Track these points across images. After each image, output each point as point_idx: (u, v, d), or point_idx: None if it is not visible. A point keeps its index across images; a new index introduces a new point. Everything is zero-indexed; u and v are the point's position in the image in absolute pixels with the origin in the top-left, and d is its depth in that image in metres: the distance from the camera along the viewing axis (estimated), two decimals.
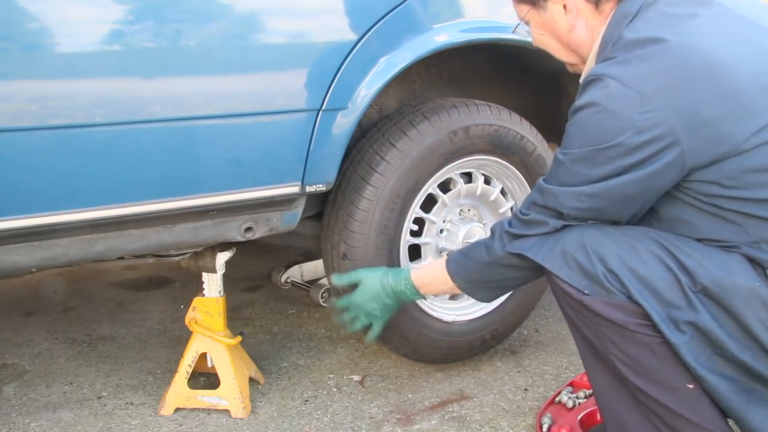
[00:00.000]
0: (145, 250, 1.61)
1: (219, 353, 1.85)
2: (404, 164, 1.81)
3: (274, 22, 1.60)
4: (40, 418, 1.84)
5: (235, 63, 1.55)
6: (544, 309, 2.48)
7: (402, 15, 1.71)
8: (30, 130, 1.37)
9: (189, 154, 1.54)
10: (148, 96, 1.46)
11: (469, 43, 1.83)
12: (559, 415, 1.72)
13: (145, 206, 1.52)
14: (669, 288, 1.27)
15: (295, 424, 1.80)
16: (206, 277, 1.85)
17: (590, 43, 1.43)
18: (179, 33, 1.48)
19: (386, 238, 1.83)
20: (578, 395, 1.79)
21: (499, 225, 1.49)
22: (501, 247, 1.46)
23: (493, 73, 2.22)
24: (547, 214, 1.39)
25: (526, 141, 1.99)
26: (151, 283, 2.84)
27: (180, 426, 1.79)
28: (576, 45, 1.45)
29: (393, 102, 2.05)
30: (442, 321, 1.99)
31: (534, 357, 2.15)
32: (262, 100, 1.59)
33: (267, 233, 1.72)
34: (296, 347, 2.23)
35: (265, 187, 1.64)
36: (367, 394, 1.95)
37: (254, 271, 2.88)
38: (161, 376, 2.05)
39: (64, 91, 1.40)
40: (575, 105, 1.32)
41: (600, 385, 1.43)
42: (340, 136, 1.69)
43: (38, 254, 1.48)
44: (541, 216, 1.39)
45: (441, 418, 1.83)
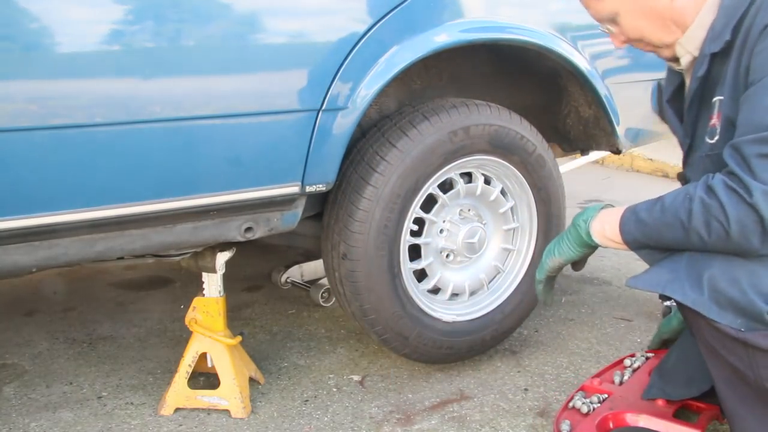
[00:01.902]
0: (145, 250, 1.61)
1: (219, 353, 1.85)
2: (404, 164, 1.81)
3: (274, 22, 1.59)
4: (40, 418, 1.84)
5: (235, 63, 1.55)
6: (544, 309, 2.48)
7: (402, 15, 1.71)
8: (30, 130, 1.37)
9: (189, 154, 1.54)
10: (148, 96, 1.46)
11: (469, 43, 1.83)
12: (576, 420, 1.70)
13: (145, 206, 1.52)
14: None
15: (295, 424, 1.80)
16: (206, 277, 1.85)
17: (698, 6, 1.39)
18: (179, 33, 1.48)
19: (386, 238, 1.83)
20: (591, 400, 1.77)
21: (705, 210, 1.29)
22: (722, 239, 1.27)
23: (493, 73, 2.22)
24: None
25: (526, 141, 1.99)
26: (151, 283, 2.84)
27: (180, 426, 1.79)
28: (680, 15, 1.41)
29: (393, 102, 2.05)
30: (442, 321, 1.99)
31: (534, 357, 2.15)
32: (262, 100, 1.59)
33: (267, 233, 1.72)
34: (296, 347, 2.23)
35: (265, 187, 1.64)
36: (367, 394, 1.95)
37: (254, 271, 2.88)
38: (161, 376, 2.05)
39: (64, 91, 1.39)
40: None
41: (741, 412, 1.41)
42: (340, 136, 1.69)
43: (38, 254, 1.48)
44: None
45: (441, 418, 1.83)
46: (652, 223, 1.38)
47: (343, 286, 1.88)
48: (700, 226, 1.29)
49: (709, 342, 1.37)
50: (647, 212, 1.40)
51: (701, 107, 1.46)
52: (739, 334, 1.29)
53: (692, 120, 1.50)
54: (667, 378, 1.74)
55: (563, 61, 2.01)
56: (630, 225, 1.43)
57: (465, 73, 2.18)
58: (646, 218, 1.40)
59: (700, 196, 1.30)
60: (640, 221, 1.41)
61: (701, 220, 1.29)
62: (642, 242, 1.42)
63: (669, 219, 1.35)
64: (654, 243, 1.40)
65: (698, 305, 1.31)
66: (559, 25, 2.01)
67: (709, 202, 1.28)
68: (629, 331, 2.33)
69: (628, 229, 1.43)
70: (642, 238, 1.41)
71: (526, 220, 2.11)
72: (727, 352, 1.35)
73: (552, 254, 1.61)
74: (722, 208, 1.26)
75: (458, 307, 2.05)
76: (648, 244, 1.41)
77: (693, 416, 1.71)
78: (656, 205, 1.38)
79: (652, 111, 2.33)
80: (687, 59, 1.47)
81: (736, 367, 1.36)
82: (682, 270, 1.33)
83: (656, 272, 1.37)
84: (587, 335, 2.30)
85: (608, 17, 1.47)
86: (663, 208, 1.36)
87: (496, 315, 2.08)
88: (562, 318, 2.44)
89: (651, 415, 1.66)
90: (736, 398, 1.41)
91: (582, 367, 2.08)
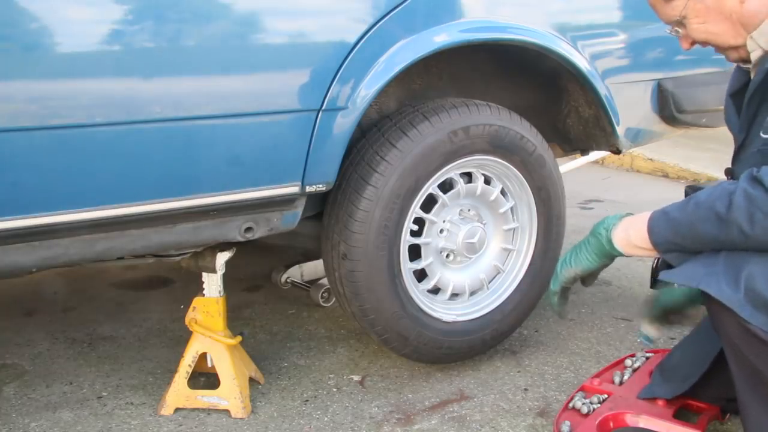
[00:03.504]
0: (145, 250, 1.61)
1: (219, 353, 1.85)
2: (404, 164, 1.81)
3: (274, 22, 1.59)
4: (40, 418, 1.84)
5: (235, 63, 1.55)
6: (544, 309, 2.47)
7: (402, 15, 1.70)
8: (30, 130, 1.37)
9: (189, 154, 1.54)
10: (148, 96, 1.46)
11: (469, 43, 1.83)
12: (576, 421, 1.70)
13: (145, 206, 1.52)
14: None
15: (295, 424, 1.80)
16: (206, 277, 1.85)
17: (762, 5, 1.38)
18: (179, 33, 1.48)
19: (386, 238, 1.83)
20: (592, 400, 1.77)
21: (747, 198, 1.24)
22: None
23: (493, 73, 2.22)
24: None
25: (526, 141, 1.99)
26: (151, 283, 2.84)
27: (180, 426, 1.79)
28: (749, 17, 1.40)
29: (393, 102, 2.05)
30: (442, 321, 1.99)
31: (534, 357, 2.15)
32: (262, 100, 1.59)
33: (267, 233, 1.72)
34: (296, 347, 2.23)
35: (265, 187, 1.64)
36: (367, 394, 1.95)
37: (254, 271, 2.88)
38: (161, 376, 2.05)
39: (64, 91, 1.39)
40: None
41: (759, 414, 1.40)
42: (340, 136, 1.69)
43: (38, 254, 1.48)
44: None
45: (441, 418, 1.83)
46: (686, 219, 1.32)
47: (343, 286, 1.88)
48: (742, 218, 1.24)
49: (734, 340, 1.35)
50: (680, 210, 1.34)
51: (762, 102, 1.44)
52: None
53: (751, 114, 1.47)
54: (668, 377, 1.74)
55: (563, 61, 2.01)
56: (660, 226, 1.37)
57: (465, 73, 2.17)
58: (678, 216, 1.34)
59: (743, 188, 1.25)
60: (672, 220, 1.35)
61: (744, 211, 1.24)
62: (673, 242, 1.36)
63: (704, 213, 1.29)
64: (687, 242, 1.34)
65: (733, 303, 1.27)
66: (559, 25, 2.01)
67: (753, 192, 1.23)
68: (629, 331, 2.33)
69: (658, 230, 1.37)
70: (674, 237, 1.35)
71: (526, 220, 2.11)
72: (752, 353, 1.33)
73: (568, 265, 1.56)
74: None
75: (458, 307, 2.05)
76: (680, 245, 1.35)
77: (693, 416, 1.72)
78: (689, 202, 1.33)
79: (652, 111, 2.33)
80: (757, 54, 1.44)
81: (759, 369, 1.34)
82: (719, 265, 1.30)
83: (692, 266, 1.33)
84: (587, 335, 2.30)
85: (676, 20, 1.46)
86: (698, 204, 1.31)
87: (496, 315, 2.08)
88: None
89: (651, 416, 1.67)
90: (753, 399, 1.40)
91: (582, 367, 2.08)
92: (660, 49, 2.31)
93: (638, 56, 2.26)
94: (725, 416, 1.74)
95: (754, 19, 1.40)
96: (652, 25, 2.25)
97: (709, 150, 4.80)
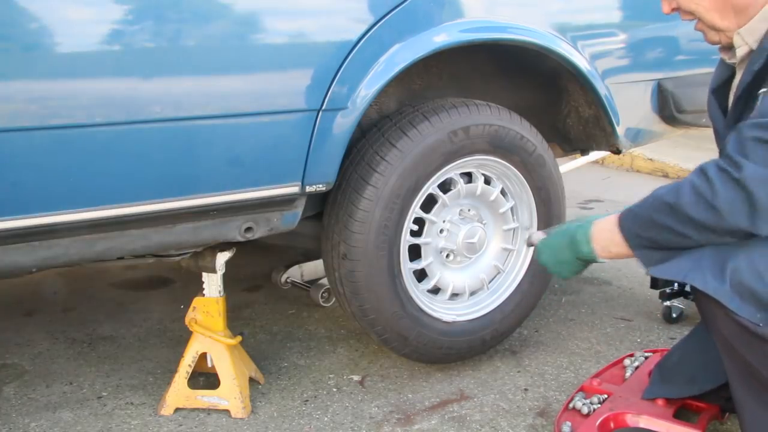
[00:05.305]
0: (145, 250, 1.61)
1: (219, 353, 1.85)
2: (404, 164, 1.81)
3: (274, 22, 1.59)
4: (40, 418, 1.84)
5: (235, 63, 1.55)
6: (544, 309, 2.48)
7: (402, 15, 1.70)
8: (30, 130, 1.37)
9: (189, 154, 1.54)
10: (148, 96, 1.46)
11: (468, 43, 1.83)
12: (577, 422, 1.70)
13: (145, 206, 1.52)
14: None
15: (295, 424, 1.80)
16: (206, 277, 1.85)
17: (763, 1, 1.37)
18: (179, 33, 1.48)
19: (386, 238, 1.83)
20: (592, 401, 1.77)
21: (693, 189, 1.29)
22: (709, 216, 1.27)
23: (493, 73, 2.22)
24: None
25: (526, 141, 1.99)
26: (151, 283, 2.84)
27: (180, 426, 1.79)
28: (744, 5, 1.38)
29: (393, 102, 2.05)
30: (442, 321, 1.99)
31: (534, 357, 2.15)
32: (262, 100, 1.59)
33: (267, 233, 1.72)
34: (296, 347, 2.23)
35: (265, 187, 1.64)
36: (367, 394, 1.95)
37: (254, 271, 2.88)
38: (161, 376, 2.05)
39: (64, 91, 1.40)
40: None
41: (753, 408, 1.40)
42: (340, 136, 1.69)
43: (38, 254, 1.48)
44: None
45: (441, 418, 1.83)
46: (646, 213, 1.37)
47: (343, 286, 1.88)
48: (689, 207, 1.28)
49: (724, 334, 1.36)
50: (641, 206, 1.39)
51: (747, 102, 1.43)
52: (758, 329, 1.28)
53: (738, 113, 1.46)
54: (668, 376, 1.74)
55: (563, 61, 2.01)
56: (628, 221, 1.41)
57: (465, 73, 2.17)
58: (640, 211, 1.39)
59: (690, 179, 1.30)
60: (636, 215, 1.40)
61: (690, 200, 1.28)
62: (639, 235, 1.39)
63: (659, 204, 1.34)
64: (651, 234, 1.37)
65: (719, 294, 1.29)
66: (559, 25, 2.01)
67: (698, 182, 1.28)
68: (629, 331, 2.33)
69: (627, 225, 1.41)
70: (639, 230, 1.39)
71: (526, 220, 2.11)
72: (743, 346, 1.34)
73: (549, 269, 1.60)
74: (711, 187, 1.26)
75: (458, 307, 2.05)
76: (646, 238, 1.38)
77: (693, 416, 1.72)
78: (650, 197, 1.38)
79: (652, 111, 2.33)
80: (743, 50, 1.43)
81: (749, 362, 1.35)
82: (705, 260, 1.31)
83: (678, 261, 1.35)
84: (587, 335, 2.30)
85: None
86: (654, 197, 1.36)
87: (496, 315, 2.08)
88: (562, 318, 2.43)
89: (651, 416, 1.67)
90: (748, 393, 1.41)
91: (582, 367, 2.08)
92: (660, 49, 2.31)
93: (638, 56, 2.26)
94: (725, 416, 1.74)
95: (749, 8, 1.38)
96: (652, 25, 2.25)
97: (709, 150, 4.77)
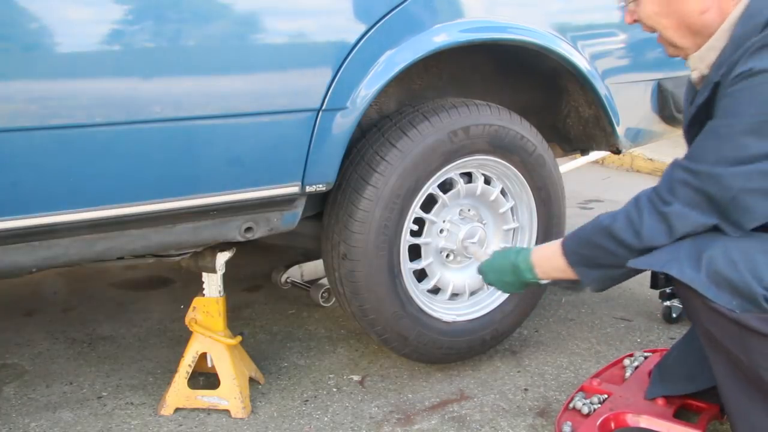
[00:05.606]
0: (145, 250, 1.61)
1: (219, 353, 1.85)
2: (404, 164, 1.81)
3: (274, 22, 1.59)
4: (40, 418, 1.84)
5: (235, 63, 1.55)
6: (544, 309, 2.48)
7: (402, 15, 1.70)
8: (30, 130, 1.37)
9: (189, 154, 1.54)
10: (148, 96, 1.46)
11: (469, 43, 1.83)
12: (577, 422, 1.70)
13: (145, 206, 1.52)
14: None
15: (295, 424, 1.80)
16: (206, 277, 1.85)
17: (717, 24, 1.39)
18: (179, 33, 1.48)
19: (386, 238, 1.83)
20: (592, 401, 1.77)
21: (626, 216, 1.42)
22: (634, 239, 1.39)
23: (493, 73, 2.22)
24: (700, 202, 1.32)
25: (526, 141, 1.99)
26: (151, 283, 2.84)
27: (180, 426, 1.79)
28: (701, 27, 1.41)
29: (393, 102, 2.05)
30: (442, 321, 1.99)
31: (534, 357, 2.15)
32: (262, 100, 1.59)
33: (267, 233, 1.72)
34: (296, 347, 2.23)
35: (265, 187, 1.64)
36: (367, 394, 1.95)
37: (254, 271, 2.88)
38: (161, 376, 2.05)
39: (64, 91, 1.39)
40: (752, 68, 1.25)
41: (737, 396, 1.42)
42: (340, 136, 1.69)
43: (38, 254, 1.48)
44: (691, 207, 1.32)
45: (441, 418, 1.83)
46: (585, 234, 1.51)
47: (343, 286, 1.88)
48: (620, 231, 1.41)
49: (705, 324, 1.39)
50: (583, 228, 1.53)
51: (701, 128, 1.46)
52: (733, 315, 1.30)
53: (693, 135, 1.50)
54: (668, 375, 1.74)
55: (563, 61, 2.01)
56: (570, 240, 1.55)
57: (465, 73, 2.17)
58: (580, 232, 1.53)
59: (626, 207, 1.44)
60: (577, 236, 1.54)
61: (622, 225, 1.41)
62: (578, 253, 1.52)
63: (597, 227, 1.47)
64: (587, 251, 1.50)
65: (695, 283, 1.32)
66: (559, 25, 2.01)
67: (631, 210, 1.42)
68: (629, 331, 2.33)
69: (569, 243, 1.55)
70: (578, 248, 1.52)
71: (526, 220, 2.11)
72: (722, 335, 1.36)
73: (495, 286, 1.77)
74: (640, 216, 1.39)
75: (458, 307, 2.05)
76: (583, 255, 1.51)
77: (693, 416, 1.72)
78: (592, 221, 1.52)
79: (652, 111, 2.33)
80: (696, 75, 1.48)
81: (731, 351, 1.37)
82: (682, 251, 1.35)
83: (656, 253, 1.39)
84: (587, 335, 2.30)
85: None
86: (595, 221, 1.50)
87: (496, 315, 2.08)
88: (562, 318, 2.44)
89: (651, 416, 1.67)
90: (733, 386, 1.42)
91: (582, 367, 2.08)
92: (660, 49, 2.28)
93: (638, 56, 2.26)
94: (725, 416, 1.74)
95: (707, 30, 1.41)
96: None
97: None
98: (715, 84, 1.37)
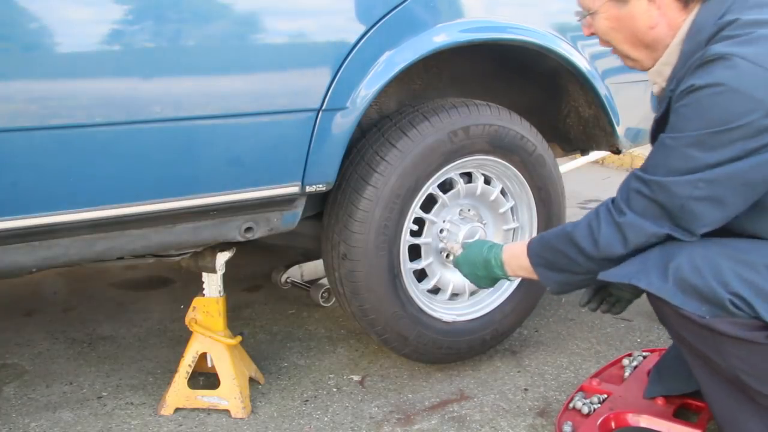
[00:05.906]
0: (145, 250, 1.61)
1: (219, 353, 1.85)
2: (404, 164, 1.81)
3: (274, 22, 1.60)
4: (40, 418, 1.84)
5: (235, 63, 1.55)
6: (544, 309, 2.48)
7: (402, 15, 1.71)
8: (30, 130, 1.37)
9: (189, 154, 1.54)
10: (148, 96, 1.46)
11: (469, 43, 1.83)
12: (578, 422, 1.70)
13: (145, 206, 1.52)
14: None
15: (295, 424, 1.80)
16: (206, 277, 1.85)
17: (668, 39, 1.42)
18: (179, 33, 1.48)
19: (386, 238, 1.83)
20: (592, 401, 1.77)
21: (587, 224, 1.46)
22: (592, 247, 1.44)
23: (493, 73, 2.22)
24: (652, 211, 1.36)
25: (526, 141, 1.99)
26: (151, 283, 2.84)
27: (180, 426, 1.79)
28: (651, 42, 1.44)
29: (393, 102, 2.05)
30: (442, 321, 1.99)
31: (534, 357, 2.15)
32: (262, 100, 1.59)
33: (267, 233, 1.72)
34: (296, 347, 2.23)
35: (265, 187, 1.64)
36: (367, 394, 1.95)
37: (254, 271, 2.88)
38: (161, 376, 2.05)
39: (64, 91, 1.40)
40: (693, 85, 1.28)
41: (721, 399, 1.43)
42: (340, 136, 1.69)
43: (38, 254, 1.48)
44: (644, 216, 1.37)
45: (441, 418, 1.83)
46: (549, 237, 1.56)
47: (343, 286, 1.88)
48: (579, 237, 1.46)
49: (678, 331, 1.41)
50: (548, 232, 1.59)
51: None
52: (704, 321, 1.32)
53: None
54: (667, 374, 1.74)
55: (563, 61, 2.01)
56: (534, 243, 1.60)
57: (465, 73, 2.18)
58: (545, 236, 1.59)
59: (588, 215, 1.48)
60: (542, 238, 1.59)
61: (583, 232, 1.46)
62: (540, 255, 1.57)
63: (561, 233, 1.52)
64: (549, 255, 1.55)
65: (662, 292, 1.34)
66: (559, 25, 2.01)
67: (592, 218, 1.45)
68: (629, 331, 2.33)
69: (533, 245, 1.60)
70: (541, 251, 1.57)
71: (526, 220, 2.11)
72: (696, 340, 1.38)
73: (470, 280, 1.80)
74: (598, 224, 1.43)
75: (458, 307, 2.05)
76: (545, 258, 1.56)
77: (693, 415, 1.72)
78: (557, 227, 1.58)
79: (652, 111, 2.33)
80: (657, 89, 1.51)
81: (707, 355, 1.39)
82: (650, 261, 1.37)
83: (626, 265, 1.41)
84: (587, 335, 2.30)
85: (591, 11, 1.49)
86: (560, 227, 1.55)
87: (496, 315, 2.08)
88: (562, 318, 2.44)
89: (652, 415, 1.67)
90: (717, 388, 1.44)
91: (582, 367, 2.08)
92: None
93: None
94: None
95: (659, 44, 1.44)
96: None
97: None
98: (669, 98, 1.40)
